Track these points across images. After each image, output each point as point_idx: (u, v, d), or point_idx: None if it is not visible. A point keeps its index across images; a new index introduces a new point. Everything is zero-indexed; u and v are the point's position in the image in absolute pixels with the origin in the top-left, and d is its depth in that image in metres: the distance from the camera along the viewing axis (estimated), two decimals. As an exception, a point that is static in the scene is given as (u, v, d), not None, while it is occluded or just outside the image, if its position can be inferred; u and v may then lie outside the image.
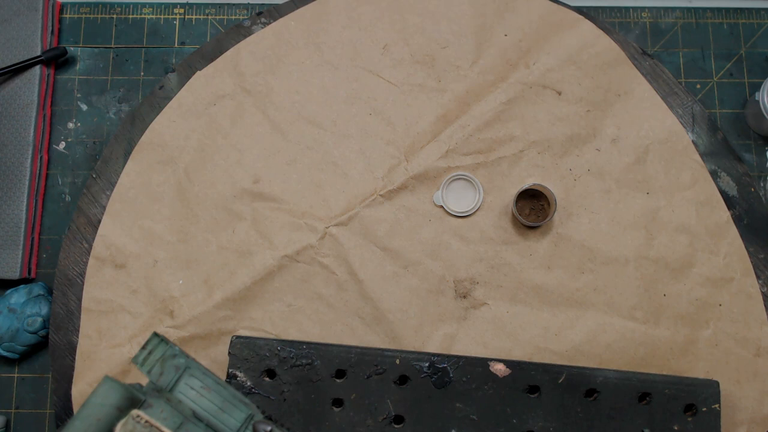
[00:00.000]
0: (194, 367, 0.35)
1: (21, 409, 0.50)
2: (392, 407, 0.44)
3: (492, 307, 0.48)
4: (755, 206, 0.50)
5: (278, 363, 0.44)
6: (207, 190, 0.50)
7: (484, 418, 0.44)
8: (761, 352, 0.47)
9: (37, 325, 0.48)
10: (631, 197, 0.49)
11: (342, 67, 0.51)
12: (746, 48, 0.54)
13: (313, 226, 0.49)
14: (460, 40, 0.51)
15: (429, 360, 0.44)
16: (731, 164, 0.50)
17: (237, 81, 0.51)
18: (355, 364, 0.44)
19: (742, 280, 0.48)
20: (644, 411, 0.44)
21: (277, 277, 0.48)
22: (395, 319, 0.48)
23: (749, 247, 0.49)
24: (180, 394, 0.35)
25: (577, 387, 0.44)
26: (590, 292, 0.48)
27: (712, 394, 0.44)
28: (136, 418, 0.32)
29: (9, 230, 0.50)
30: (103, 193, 0.50)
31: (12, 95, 0.52)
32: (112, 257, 0.49)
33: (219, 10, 0.55)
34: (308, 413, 0.44)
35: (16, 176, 0.51)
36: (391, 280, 0.48)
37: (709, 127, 0.51)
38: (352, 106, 0.51)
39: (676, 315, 0.48)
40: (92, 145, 0.53)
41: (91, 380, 0.47)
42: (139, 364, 0.35)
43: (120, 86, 0.54)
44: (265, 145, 0.50)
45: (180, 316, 0.48)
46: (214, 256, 0.49)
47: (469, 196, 0.49)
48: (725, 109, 0.53)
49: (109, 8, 0.55)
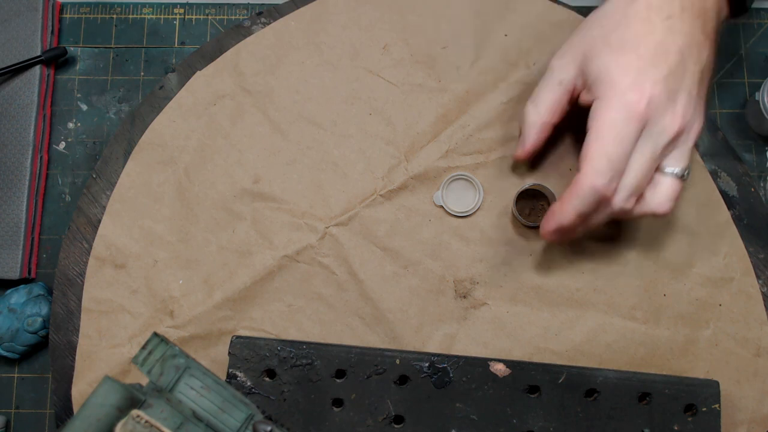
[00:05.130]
0: (194, 367, 0.35)
1: (21, 409, 0.50)
2: (392, 407, 0.44)
3: (492, 307, 0.48)
4: (755, 206, 0.50)
5: (278, 363, 0.44)
6: (207, 190, 0.50)
7: (484, 418, 0.44)
8: (761, 352, 0.47)
9: (37, 325, 0.48)
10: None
11: (342, 66, 0.51)
12: (746, 48, 0.54)
13: (313, 226, 0.49)
14: (460, 40, 0.51)
15: (429, 360, 0.44)
16: (731, 164, 0.50)
17: (237, 81, 0.51)
18: (355, 364, 0.44)
19: (742, 280, 0.48)
20: (644, 411, 0.44)
21: (277, 277, 0.48)
22: (395, 319, 0.48)
23: (749, 247, 0.49)
24: (180, 394, 0.35)
25: (577, 387, 0.44)
26: (590, 292, 0.48)
27: (712, 394, 0.44)
28: (136, 418, 0.32)
29: (9, 230, 0.50)
30: (103, 193, 0.50)
31: (12, 95, 0.52)
32: (112, 257, 0.49)
33: (219, 10, 0.55)
34: (308, 413, 0.44)
35: (16, 176, 0.51)
36: (391, 280, 0.48)
37: (709, 127, 0.51)
38: (352, 106, 0.51)
39: (676, 315, 0.48)
40: (92, 145, 0.53)
41: (91, 380, 0.47)
42: (139, 364, 0.35)
43: (120, 86, 0.54)
44: (265, 145, 0.50)
45: (180, 316, 0.48)
46: (214, 256, 0.49)
47: (469, 196, 0.49)
48: (725, 109, 0.53)
49: (109, 8, 0.55)
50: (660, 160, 0.41)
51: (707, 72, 0.41)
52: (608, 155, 0.39)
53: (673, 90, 0.39)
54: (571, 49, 0.43)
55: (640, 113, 0.38)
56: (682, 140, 0.40)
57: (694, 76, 0.40)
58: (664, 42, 0.39)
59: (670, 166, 0.41)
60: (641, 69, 0.39)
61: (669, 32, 0.39)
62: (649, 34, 0.39)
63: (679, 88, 0.39)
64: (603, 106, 0.39)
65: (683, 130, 0.40)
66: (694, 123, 0.40)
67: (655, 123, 0.39)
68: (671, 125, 0.39)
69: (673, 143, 0.40)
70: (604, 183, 0.39)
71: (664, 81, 0.39)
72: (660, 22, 0.39)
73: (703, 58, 0.40)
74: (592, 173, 0.39)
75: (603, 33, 0.41)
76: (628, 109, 0.38)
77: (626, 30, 0.40)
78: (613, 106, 0.39)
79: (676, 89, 0.39)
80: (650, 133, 0.39)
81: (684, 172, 0.41)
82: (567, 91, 0.43)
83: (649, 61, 0.39)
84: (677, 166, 0.41)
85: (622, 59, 0.39)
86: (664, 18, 0.39)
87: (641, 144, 0.39)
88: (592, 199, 0.40)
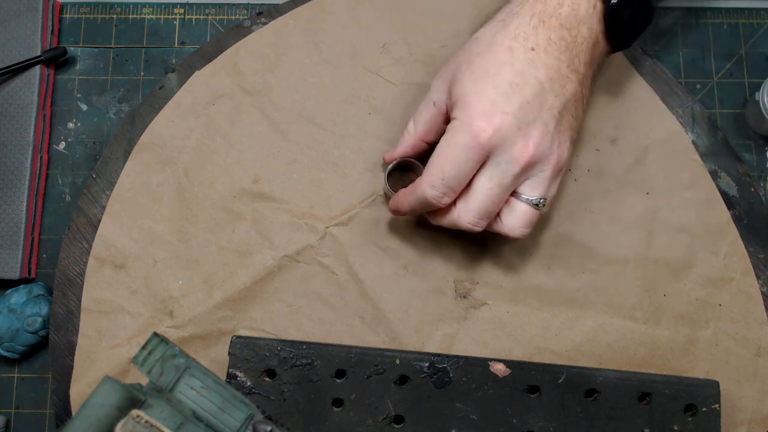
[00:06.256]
0: (194, 367, 0.35)
1: (21, 409, 0.50)
2: (392, 407, 0.44)
3: (492, 307, 0.48)
4: (755, 206, 0.50)
5: (278, 363, 0.44)
6: (206, 190, 0.50)
7: (484, 418, 0.44)
8: (761, 352, 0.47)
9: (37, 325, 0.48)
10: (631, 197, 0.49)
11: (341, 66, 0.51)
12: (746, 48, 0.54)
13: (313, 226, 0.49)
14: (460, 39, 0.51)
15: (429, 360, 0.44)
16: (731, 164, 0.50)
17: (236, 80, 0.51)
18: (355, 364, 0.44)
19: (742, 280, 0.48)
20: (644, 411, 0.44)
21: (277, 277, 0.48)
22: (395, 319, 0.48)
23: (749, 247, 0.49)
24: (180, 394, 0.35)
25: (577, 387, 0.44)
26: (590, 292, 0.48)
27: (712, 394, 0.44)
28: (136, 418, 0.32)
29: (9, 230, 0.50)
30: (103, 193, 0.50)
31: (12, 95, 0.52)
32: (112, 257, 0.49)
33: (219, 10, 0.55)
34: (308, 413, 0.44)
35: (16, 176, 0.51)
36: (391, 280, 0.48)
37: (709, 127, 0.51)
38: (352, 105, 0.51)
39: (676, 315, 0.48)
40: (92, 145, 0.53)
41: (91, 380, 0.47)
42: (139, 364, 0.35)
43: (120, 86, 0.54)
44: (265, 144, 0.50)
45: (180, 316, 0.48)
46: (214, 256, 0.49)
47: (469, 196, 0.49)
48: (725, 109, 0.53)
49: (109, 8, 0.55)
50: (514, 187, 0.41)
51: (574, 105, 0.42)
52: (443, 173, 0.40)
53: (526, 122, 0.40)
54: (446, 71, 0.44)
55: (483, 142, 0.39)
56: (537, 170, 0.41)
57: (553, 110, 0.40)
58: (523, 73, 0.40)
59: (526, 194, 0.42)
60: (494, 99, 0.40)
61: (530, 64, 0.40)
62: (509, 64, 0.40)
63: (533, 120, 0.40)
64: (453, 127, 0.41)
65: (535, 161, 0.40)
66: (551, 155, 0.41)
67: (503, 152, 0.40)
68: (521, 155, 0.40)
69: (526, 172, 0.41)
70: (435, 195, 0.41)
71: (516, 113, 0.39)
72: (522, 53, 0.40)
73: (567, 92, 0.41)
74: (426, 185, 0.41)
75: (469, 58, 0.42)
76: (472, 136, 0.39)
77: (489, 57, 0.41)
78: (460, 129, 0.40)
79: (530, 121, 0.40)
80: (497, 161, 0.40)
81: (539, 201, 0.42)
82: (440, 112, 0.44)
83: (504, 92, 0.40)
84: (532, 194, 0.42)
85: (479, 86, 0.40)
86: (528, 49, 0.40)
87: (488, 170, 0.41)
88: (425, 204, 0.42)
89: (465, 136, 0.40)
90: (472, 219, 0.42)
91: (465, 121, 0.40)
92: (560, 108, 0.41)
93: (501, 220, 0.43)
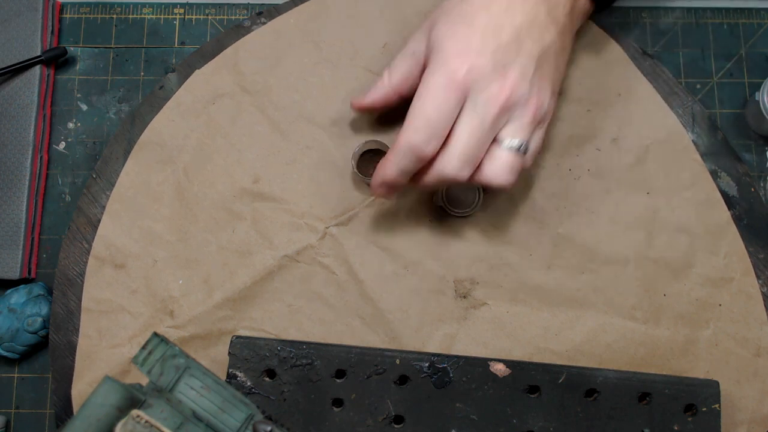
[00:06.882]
0: (194, 367, 0.35)
1: (21, 409, 0.50)
2: (392, 407, 0.44)
3: (492, 307, 0.48)
4: (755, 206, 0.50)
5: (278, 363, 0.44)
6: (206, 190, 0.50)
7: (484, 418, 0.44)
8: (761, 352, 0.47)
9: (37, 325, 0.48)
10: (631, 197, 0.49)
11: (341, 65, 0.51)
12: (746, 48, 0.54)
13: (313, 226, 0.49)
14: (460, 39, 0.51)
15: (429, 360, 0.44)
16: (731, 164, 0.50)
17: (236, 80, 0.51)
18: (355, 364, 0.44)
19: (742, 280, 0.48)
20: (644, 411, 0.44)
21: (277, 277, 0.48)
22: (395, 319, 0.48)
23: (749, 247, 0.49)
24: (180, 394, 0.35)
25: (577, 387, 0.44)
26: (590, 292, 0.48)
27: (712, 394, 0.44)
28: (136, 418, 0.32)
29: (9, 230, 0.50)
30: (103, 193, 0.50)
31: (12, 95, 0.52)
32: (112, 257, 0.49)
33: (219, 10, 0.55)
34: (308, 413, 0.44)
35: (16, 176, 0.51)
36: (391, 280, 0.48)
37: (709, 127, 0.51)
38: (352, 105, 0.51)
39: (676, 315, 0.48)
40: (92, 145, 0.53)
41: (91, 380, 0.47)
42: (139, 364, 0.35)
43: (120, 86, 0.54)
44: (265, 144, 0.50)
45: (180, 316, 0.48)
46: (214, 256, 0.49)
47: (469, 196, 0.49)
48: (725, 109, 0.53)
49: (109, 8, 0.55)
50: (494, 132, 0.41)
51: (554, 56, 0.42)
52: (426, 116, 0.40)
53: (502, 64, 0.40)
54: (425, 24, 0.44)
55: (459, 80, 0.40)
56: (517, 114, 0.41)
57: (531, 55, 0.41)
58: (499, 18, 0.40)
59: (507, 138, 0.41)
60: (469, 40, 0.40)
61: (506, 10, 0.41)
62: (485, 9, 0.41)
63: (510, 62, 0.40)
64: (429, 71, 0.41)
65: (513, 102, 0.40)
66: (530, 98, 0.41)
67: (480, 91, 0.40)
68: (498, 95, 0.40)
69: (504, 114, 0.41)
70: (421, 140, 0.40)
71: (492, 53, 0.40)
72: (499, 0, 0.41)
73: (546, 39, 0.41)
74: (410, 131, 0.40)
75: (449, 7, 0.43)
76: (448, 76, 0.40)
77: (466, 5, 0.42)
78: (436, 71, 0.40)
79: (506, 63, 0.40)
80: (475, 101, 0.40)
81: (521, 145, 0.41)
82: (418, 62, 0.44)
83: (480, 34, 0.40)
84: (514, 138, 0.41)
85: (455, 29, 0.41)
86: None
87: (466, 113, 0.40)
88: (411, 156, 0.41)
89: (441, 77, 0.40)
90: (456, 164, 0.41)
91: (440, 62, 0.40)
92: (538, 54, 0.41)
93: (482, 168, 0.42)
